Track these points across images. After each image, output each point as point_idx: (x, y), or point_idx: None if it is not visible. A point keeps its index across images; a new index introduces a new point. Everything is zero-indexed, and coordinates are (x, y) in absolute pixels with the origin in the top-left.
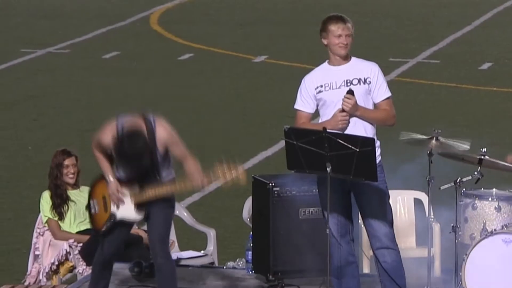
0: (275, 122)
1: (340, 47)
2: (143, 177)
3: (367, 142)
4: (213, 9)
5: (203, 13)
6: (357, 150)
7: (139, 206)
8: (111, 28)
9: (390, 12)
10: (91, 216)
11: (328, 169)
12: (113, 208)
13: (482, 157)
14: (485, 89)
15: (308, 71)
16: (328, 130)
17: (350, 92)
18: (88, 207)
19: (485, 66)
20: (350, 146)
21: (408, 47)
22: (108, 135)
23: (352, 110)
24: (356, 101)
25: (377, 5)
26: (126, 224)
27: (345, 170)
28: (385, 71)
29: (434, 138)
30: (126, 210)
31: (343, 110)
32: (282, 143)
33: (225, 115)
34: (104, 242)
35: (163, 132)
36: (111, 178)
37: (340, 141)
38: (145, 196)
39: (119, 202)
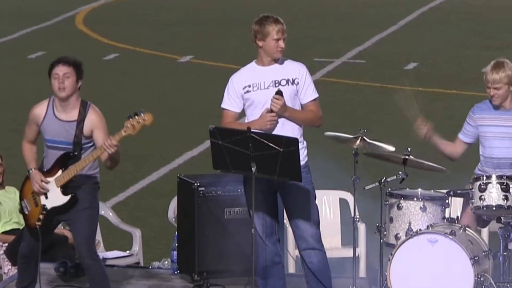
0: (200, 122)
1: (278, 51)
2: (67, 160)
3: (291, 142)
4: (139, 9)
5: (129, 13)
6: (281, 150)
7: (64, 188)
8: (36, 28)
9: (315, 12)
10: (26, 217)
11: (253, 169)
12: (42, 200)
13: (407, 157)
14: (410, 89)
15: (234, 71)
16: (252, 130)
17: (279, 92)
18: (21, 210)
19: (411, 66)
20: (274, 146)
21: (333, 47)
22: (40, 110)
23: (281, 111)
24: (284, 102)
25: (302, 5)
26: (58, 214)
27: (270, 170)
28: (310, 71)
29: (360, 138)
30: (55, 197)
31: (271, 111)
32: (207, 143)
33: None
34: (24, 234)
35: (94, 114)
36: (32, 169)
37: (264, 141)
38: (67, 176)
39: (43, 190)
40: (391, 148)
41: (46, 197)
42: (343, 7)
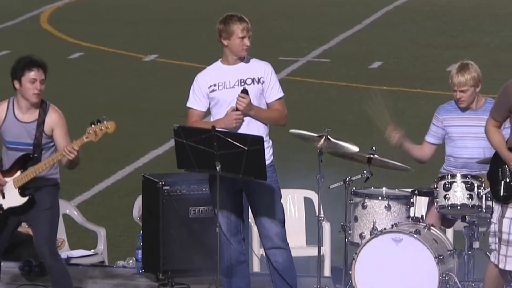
0: (165, 121)
1: (243, 50)
2: (26, 161)
3: (256, 141)
4: (103, 8)
5: (93, 12)
6: (246, 148)
7: (22, 189)
8: (1, 27)
9: (280, 11)
10: None
11: (217, 168)
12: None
13: (372, 156)
14: (375, 88)
15: (199, 70)
16: (217, 129)
17: (245, 91)
18: None
19: (375, 65)
20: (238, 145)
21: (298, 46)
22: (0, 112)
23: (246, 109)
24: (250, 100)
25: (267, 4)
26: (15, 215)
27: (235, 169)
28: (275, 70)
29: (324, 137)
30: (12, 197)
31: (237, 109)
32: (172, 142)
33: (115, 114)
34: None
35: (54, 113)
36: None
37: (229, 139)
38: (26, 178)
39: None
40: (355, 148)
41: (3, 197)
42: (308, 6)
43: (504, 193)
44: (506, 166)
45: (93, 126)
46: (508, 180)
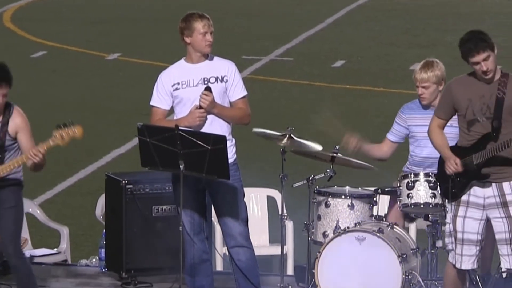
0: (129, 119)
1: (206, 45)
2: None
3: (219, 140)
4: (66, 7)
5: (56, 11)
6: (209, 147)
7: None
8: None
9: (243, 9)
10: None
11: (181, 166)
12: None
13: (335, 154)
14: (338, 86)
15: (162, 68)
16: (180, 128)
17: (208, 89)
18: None
19: (338, 63)
20: (202, 144)
21: (261, 45)
22: None
23: (210, 107)
24: (213, 98)
25: (230, 3)
26: None
27: (198, 167)
28: (238, 69)
29: (287, 136)
30: None
31: (200, 107)
32: (136, 141)
33: (79, 113)
34: None
35: (18, 116)
36: None
37: (192, 138)
38: None
39: None
40: (318, 147)
41: None
42: (271, 4)
43: (453, 190)
44: None
45: (59, 130)
46: (455, 177)
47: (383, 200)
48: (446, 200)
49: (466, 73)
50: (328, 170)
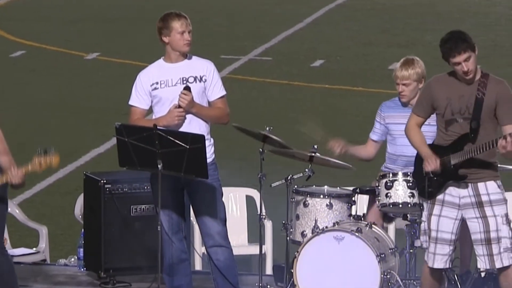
0: (107, 119)
1: (185, 44)
2: None
3: (197, 139)
4: (45, 7)
5: (35, 10)
6: (187, 147)
7: None
8: None
9: (222, 9)
10: None
11: (159, 166)
12: None
13: (313, 154)
14: (317, 86)
15: (141, 68)
16: (158, 127)
17: (187, 88)
18: None
19: (317, 63)
20: (180, 143)
21: (239, 45)
22: None
23: (188, 106)
24: (192, 97)
25: (208, 2)
26: None
27: (176, 167)
28: (217, 69)
29: (265, 135)
30: None
31: (179, 106)
32: (114, 140)
33: (57, 112)
34: None
35: None
36: None
37: (170, 138)
38: None
39: None
40: (295, 147)
41: None
42: (249, 4)
43: (429, 188)
44: None
45: (39, 157)
46: (432, 175)
47: (362, 200)
48: (421, 200)
49: (446, 72)
50: (306, 170)
